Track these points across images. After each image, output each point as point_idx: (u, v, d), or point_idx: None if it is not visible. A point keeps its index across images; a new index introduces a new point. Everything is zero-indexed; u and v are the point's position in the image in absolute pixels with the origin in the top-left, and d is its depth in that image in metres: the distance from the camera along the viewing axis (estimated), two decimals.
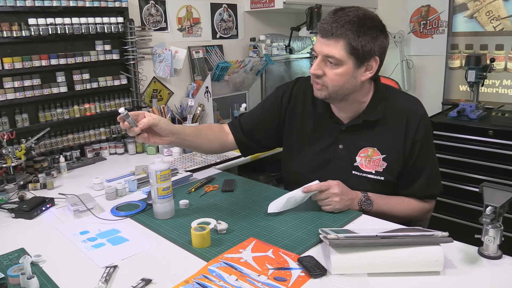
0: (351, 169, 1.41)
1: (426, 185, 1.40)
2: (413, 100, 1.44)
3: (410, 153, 1.37)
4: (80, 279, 1.04)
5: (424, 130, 1.37)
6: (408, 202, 1.41)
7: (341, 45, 1.23)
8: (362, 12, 1.25)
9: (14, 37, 1.88)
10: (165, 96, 2.60)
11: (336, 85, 1.29)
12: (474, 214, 2.34)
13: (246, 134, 1.56)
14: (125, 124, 1.24)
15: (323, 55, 1.27)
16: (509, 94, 2.94)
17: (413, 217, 1.44)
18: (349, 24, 1.22)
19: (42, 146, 2.03)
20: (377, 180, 1.39)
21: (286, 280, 0.98)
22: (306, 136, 1.49)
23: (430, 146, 1.40)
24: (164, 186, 1.33)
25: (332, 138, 1.43)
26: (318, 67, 1.29)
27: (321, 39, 1.27)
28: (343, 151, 1.42)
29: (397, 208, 1.39)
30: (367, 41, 1.24)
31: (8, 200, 1.58)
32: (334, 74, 1.28)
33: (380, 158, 1.38)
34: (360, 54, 1.24)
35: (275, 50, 3.05)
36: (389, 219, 1.33)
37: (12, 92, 1.91)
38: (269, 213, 1.35)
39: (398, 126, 1.37)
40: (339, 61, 1.25)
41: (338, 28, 1.22)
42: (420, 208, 1.43)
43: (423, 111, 1.40)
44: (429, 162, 1.40)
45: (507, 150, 2.34)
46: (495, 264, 1.04)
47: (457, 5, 3.08)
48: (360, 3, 3.30)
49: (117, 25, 2.19)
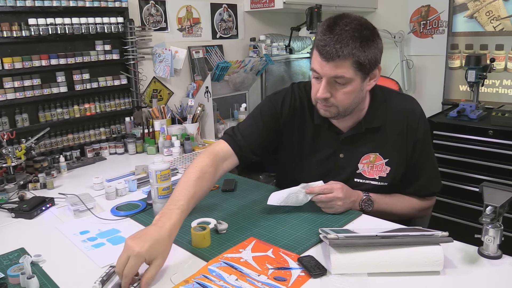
0: (354, 177, 1.39)
1: (427, 183, 1.40)
2: (410, 99, 1.43)
3: (412, 153, 1.36)
4: (80, 279, 1.04)
5: (424, 129, 1.37)
6: (408, 200, 1.41)
7: (348, 64, 1.17)
8: (357, 22, 1.17)
9: (14, 37, 1.88)
10: (165, 96, 2.60)
11: (346, 103, 1.25)
12: (474, 214, 2.34)
13: (255, 153, 1.42)
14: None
15: (329, 77, 1.20)
16: (509, 94, 2.94)
17: (414, 215, 1.45)
18: (352, 42, 1.14)
19: (42, 146, 2.03)
20: (381, 186, 1.38)
21: (286, 280, 0.98)
22: (306, 147, 1.44)
23: (429, 144, 1.41)
24: (164, 186, 1.33)
25: (332, 148, 1.39)
26: (325, 91, 1.21)
27: (325, 62, 1.18)
28: (344, 160, 1.39)
29: (397, 207, 1.39)
30: (372, 53, 1.18)
31: (8, 200, 1.58)
32: (343, 94, 1.22)
33: (383, 163, 1.37)
34: (367, 68, 1.20)
35: (275, 50, 3.06)
36: (390, 217, 1.32)
37: (12, 92, 1.91)
38: (268, 208, 1.34)
39: (399, 128, 1.36)
40: (348, 80, 1.19)
41: (343, 48, 1.14)
42: (420, 206, 1.43)
43: (420, 109, 1.40)
44: (429, 160, 1.40)
45: (507, 150, 2.34)
46: (495, 264, 1.04)
47: (457, 5, 3.08)
48: (360, 3, 3.32)
49: (117, 25, 2.19)
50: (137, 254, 0.97)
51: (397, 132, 1.36)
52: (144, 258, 0.98)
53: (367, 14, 3.53)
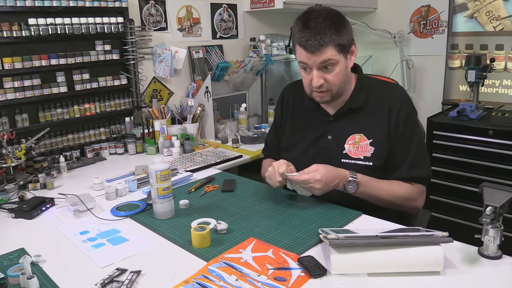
0: (341, 157, 1.44)
1: (410, 167, 1.40)
2: (394, 85, 1.53)
3: (394, 134, 1.40)
4: (80, 279, 1.04)
5: (406, 112, 1.40)
6: (397, 187, 1.40)
7: (331, 49, 1.30)
8: (325, 12, 1.31)
9: (14, 37, 1.88)
10: (165, 96, 2.60)
11: (338, 83, 1.37)
12: (474, 214, 2.34)
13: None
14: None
15: (318, 64, 1.32)
16: (509, 94, 2.94)
17: (402, 204, 1.41)
18: (328, 30, 1.28)
19: (42, 146, 2.03)
20: (366, 166, 1.41)
21: (286, 280, 0.98)
22: (299, 133, 1.55)
23: (412, 127, 1.42)
24: (164, 186, 1.33)
25: (321, 130, 1.49)
26: (319, 78, 1.34)
27: (311, 54, 1.31)
28: (332, 141, 1.47)
29: (384, 192, 1.39)
30: (346, 33, 1.32)
31: (8, 200, 1.58)
32: (333, 76, 1.35)
33: (367, 144, 1.42)
34: (346, 48, 1.34)
35: (275, 50, 3.05)
36: (378, 203, 1.37)
37: (12, 92, 1.91)
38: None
39: (382, 109, 1.42)
40: (335, 61, 1.32)
41: (323, 37, 1.28)
42: (408, 194, 1.40)
43: (405, 93, 1.46)
44: (412, 143, 1.41)
45: (507, 150, 2.34)
46: (495, 264, 1.04)
47: (457, 5, 3.08)
48: (360, 3, 3.32)
49: (117, 25, 2.19)
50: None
51: (380, 114, 1.42)
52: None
53: (367, 14, 3.53)
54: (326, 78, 1.34)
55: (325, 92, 1.38)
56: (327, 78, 1.35)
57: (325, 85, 1.36)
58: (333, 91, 1.38)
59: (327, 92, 1.38)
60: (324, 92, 1.38)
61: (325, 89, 1.37)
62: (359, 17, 3.49)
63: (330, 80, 1.35)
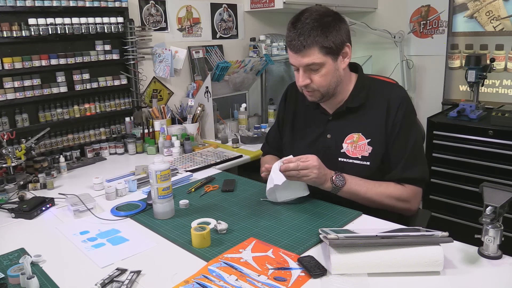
0: (338, 156, 1.45)
1: (404, 168, 1.38)
2: (394, 85, 1.52)
3: (390, 135, 1.40)
4: (80, 279, 1.04)
5: (404, 112, 1.39)
6: (386, 187, 1.38)
7: (315, 51, 1.31)
8: (316, 13, 1.31)
9: (14, 37, 1.88)
10: (165, 96, 2.60)
11: (325, 85, 1.37)
12: (474, 214, 2.34)
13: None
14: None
15: (303, 66, 1.34)
16: (509, 94, 2.94)
17: (392, 204, 1.39)
18: (313, 31, 1.29)
19: (42, 146, 2.03)
20: (363, 166, 1.41)
21: (286, 280, 0.98)
22: (299, 131, 1.56)
23: (409, 128, 1.40)
24: (164, 186, 1.33)
25: (321, 128, 1.50)
26: (304, 78, 1.36)
27: (295, 55, 1.33)
28: (331, 140, 1.47)
29: (372, 191, 1.37)
30: (334, 36, 1.31)
31: (8, 200, 1.58)
32: (320, 77, 1.35)
33: (365, 143, 1.42)
34: (334, 50, 1.33)
35: (275, 50, 3.05)
36: (367, 203, 1.37)
37: (12, 92, 1.91)
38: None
39: (380, 109, 1.41)
40: (320, 64, 1.33)
41: (306, 39, 1.29)
42: (399, 194, 1.38)
43: (404, 94, 1.44)
44: (408, 144, 1.39)
45: (507, 150, 2.34)
46: (495, 264, 1.04)
47: (457, 5, 3.08)
48: (360, 3, 3.32)
49: (117, 25, 2.19)
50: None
51: (378, 113, 1.41)
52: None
53: (367, 14, 3.53)
54: (312, 78, 1.36)
55: (313, 92, 1.39)
56: (313, 79, 1.36)
57: (311, 85, 1.37)
58: (321, 91, 1.38)
59: (315, 91, 1.39)
60: (312, 92, 1.39)
61: (312, 90, 1.39)
62: (359, 17, 3.49)
63: (316, 81, 1.36)
